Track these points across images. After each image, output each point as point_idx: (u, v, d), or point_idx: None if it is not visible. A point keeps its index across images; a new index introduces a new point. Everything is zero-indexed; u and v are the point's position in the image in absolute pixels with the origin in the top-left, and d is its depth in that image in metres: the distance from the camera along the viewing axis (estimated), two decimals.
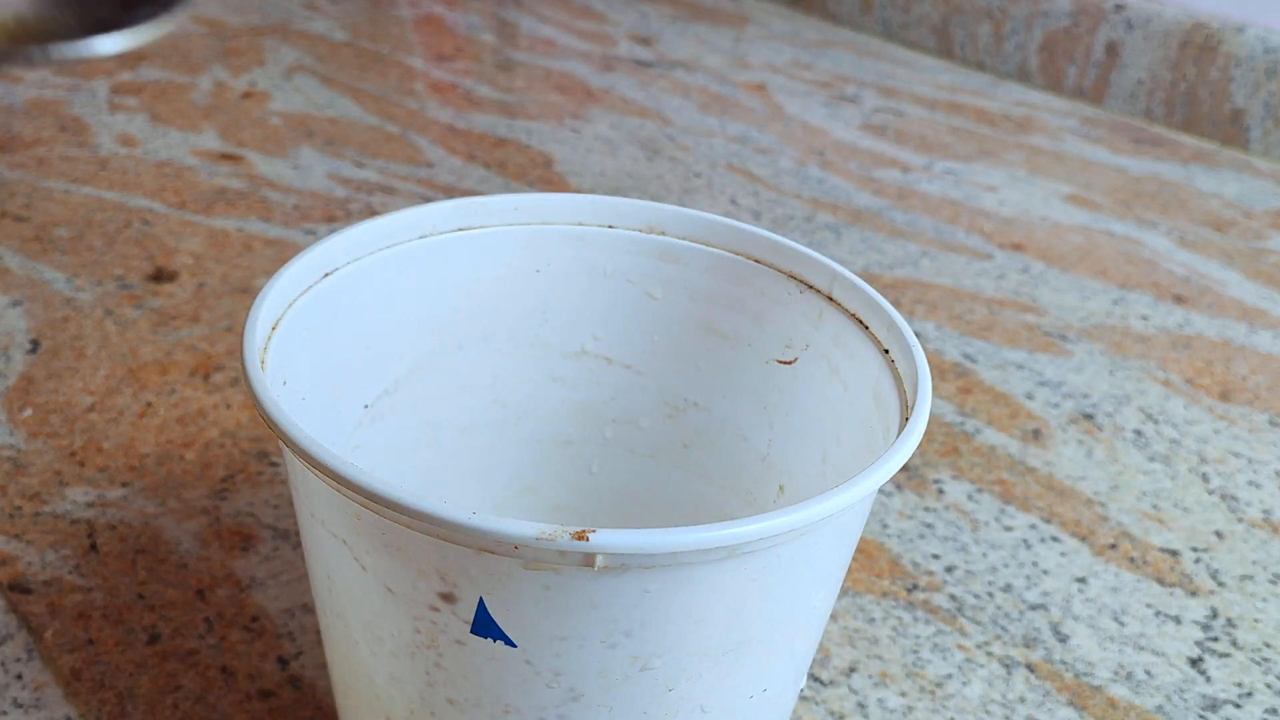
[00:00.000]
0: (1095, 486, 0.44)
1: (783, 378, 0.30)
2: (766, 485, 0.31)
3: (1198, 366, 0.53)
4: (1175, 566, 0.40)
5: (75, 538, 0.36)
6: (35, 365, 0.45)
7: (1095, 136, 0.80)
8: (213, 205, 0.59)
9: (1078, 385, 0.50)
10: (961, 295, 0.57)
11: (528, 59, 0.87)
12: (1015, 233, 0.65)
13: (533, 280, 0.31)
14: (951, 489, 0.43)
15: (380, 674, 0.24)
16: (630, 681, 0.22)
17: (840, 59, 0.93)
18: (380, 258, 0.28)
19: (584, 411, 0.33)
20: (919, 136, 0.78)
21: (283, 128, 0.70)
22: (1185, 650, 0.36)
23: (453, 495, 0.33)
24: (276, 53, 0.82)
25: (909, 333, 0.25)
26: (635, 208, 0.30)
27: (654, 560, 0.19)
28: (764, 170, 0.70)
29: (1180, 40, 0.80)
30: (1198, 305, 0.58)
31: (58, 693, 0.31)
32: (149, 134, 0.67)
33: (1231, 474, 0.45)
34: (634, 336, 0.32)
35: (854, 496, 0.20)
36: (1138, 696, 0.34)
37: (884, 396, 0.25)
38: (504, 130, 0.73)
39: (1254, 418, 0.49)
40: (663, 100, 0.80)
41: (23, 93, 0.71)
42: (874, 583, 0.37)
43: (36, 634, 0.32)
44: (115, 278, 0.52)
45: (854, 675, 0.34)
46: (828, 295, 0.28)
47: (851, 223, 0.64)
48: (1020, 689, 0.34)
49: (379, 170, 0.65)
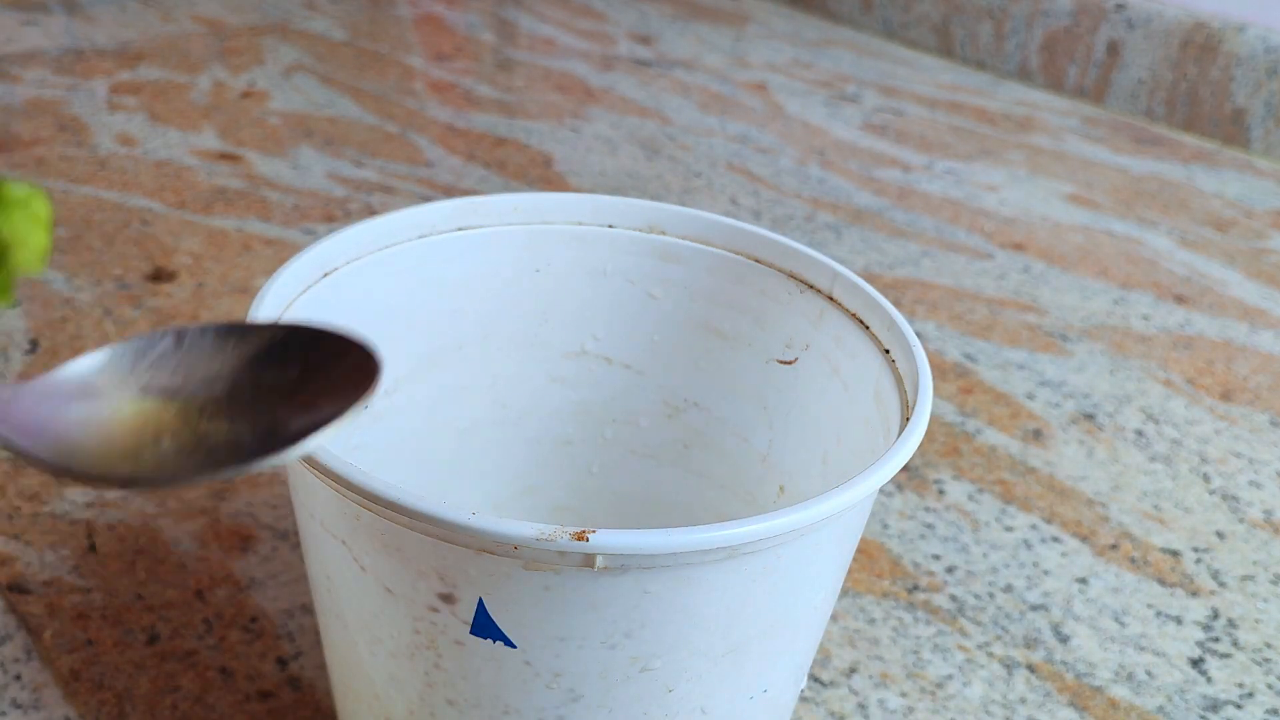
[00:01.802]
0: (1096, 487, 0.43)
1: (783, 378, 0.30)
2: (767, 486, 0.31)
3: (1199, 366, 0.53)
4: (1176, 567, 0.40)
5: (74, 538, 0.36)
6: (34, 365, 0.45)
7: (1096, 136, 0.80)
8: (212, 205, 0.59)
9: (1079, 385, 0.50)
10: (962, 295, 0.57)
11: (527, 58, 0.87)
12: (1016, 232, 0.65)
13: (533, 280, 0.31)
14: (952, 489, 0.43)
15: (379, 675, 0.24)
16: (630, 682, 0.22)
17: (841, 58, 0.92)
18: (379, 258, 0.28)
19: (584, 412, 0.33)
20: (919, 136, 0.78)
21: (282, 127, 0.70)
22: (1186, 651, 0.36)
23: (452, 496, 0.32)
24: (275, 52, 0.82)
25: (910, 333, 0.25)
26: (635, 207, 0.30)
27: (654, 561, 0.19)
28: (764, 170, 0.70)
29: (1181, 40, 0.80)
30: (1199, 305, 0.58)
31: (56, 693, 0.31)
32: (148, 134, 0.67)
33: (1232, 474, 0.45)
34: (634, 336, 0.32)
35: (854, 497, 0.20)
36: (1139, 697, 0.34)
37: (885, 396, 0.25)
38: (503, 130, 0.73)
39: (1255, 418, 0.49)
40: (663, 99, 0.80)
41: (22, 92, 0.71)
42: (874, 583, 0.37)
43: (35, 634, 0.32)
44: (114, 278, 0.52)
45: (854, 676, 0.34)
46: (828, 295, 0.28)
47: (852, 222, 0.64)
48: (1021, 690, 0.34)
49: (378, 170, 0.65)
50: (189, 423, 0.14)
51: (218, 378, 0.15)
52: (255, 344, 0.15)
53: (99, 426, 0.14)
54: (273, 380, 0.15)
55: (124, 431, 0.14)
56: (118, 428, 0.14)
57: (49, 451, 0.13)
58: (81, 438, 0.13)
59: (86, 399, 0.14)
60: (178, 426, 0.14)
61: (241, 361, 0.15)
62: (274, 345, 0.15)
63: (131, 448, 0.13)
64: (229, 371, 0.15)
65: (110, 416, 0.14)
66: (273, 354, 0.15)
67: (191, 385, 0.15)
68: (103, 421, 0.14)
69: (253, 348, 0.15)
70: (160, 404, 0.14)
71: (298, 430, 0.13)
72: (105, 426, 0.14)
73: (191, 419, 0.14)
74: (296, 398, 0.14)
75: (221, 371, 0.15)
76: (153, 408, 0.14)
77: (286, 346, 0.15)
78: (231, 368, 0.15)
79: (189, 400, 0.14)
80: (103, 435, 0.14)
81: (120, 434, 0.14)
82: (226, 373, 0.15)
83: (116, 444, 0.13)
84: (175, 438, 0.14)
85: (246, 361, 0.15)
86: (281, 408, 0.14)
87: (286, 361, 0.15)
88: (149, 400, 0.14)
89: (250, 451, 0.13)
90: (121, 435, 0.14)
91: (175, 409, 0.14)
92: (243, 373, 0.15)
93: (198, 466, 0.13)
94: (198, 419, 0.14)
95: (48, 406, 0.14)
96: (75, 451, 0.13)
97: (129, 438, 0.14)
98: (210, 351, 0.15)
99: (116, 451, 0.13)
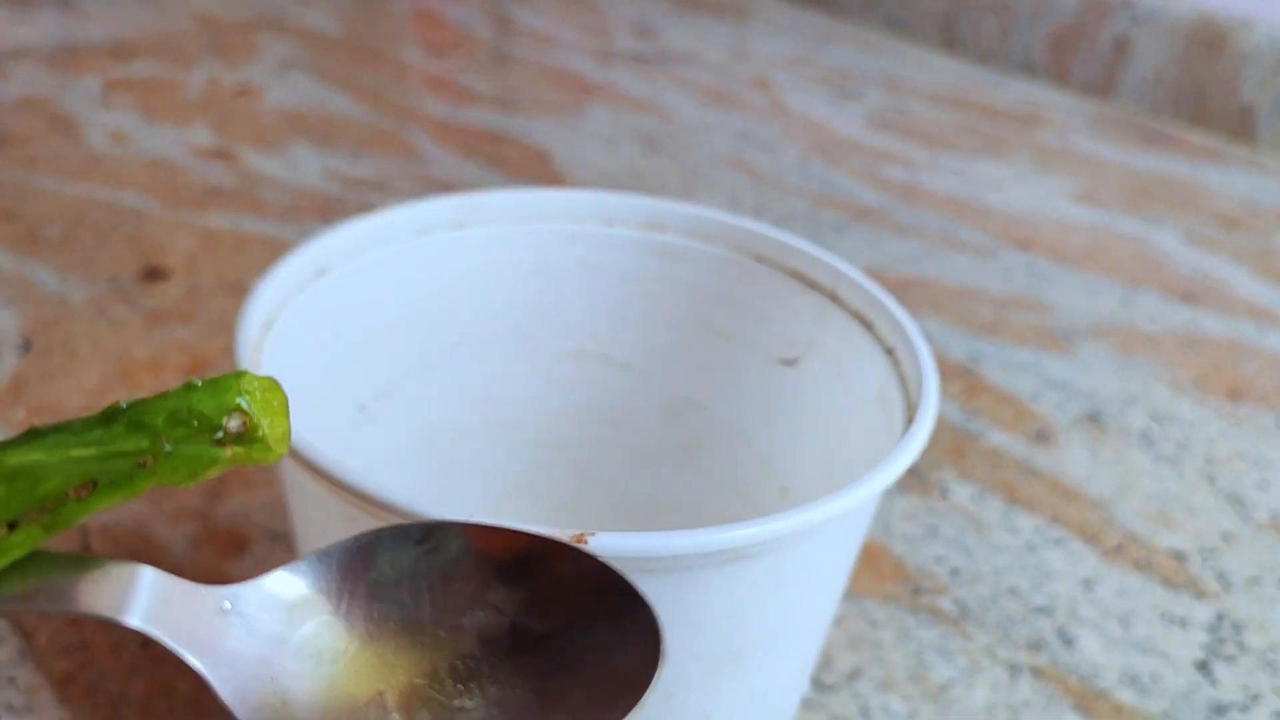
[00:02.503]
0: (1102, 488, 0.43)
1: (785, 378, 0.29)
2: (768, 487, 0.30)
3: (1206, 367, 0.52)
4: (1182, 569, 0.39)
5: (68, 540, 0.36)
6: (27, 365, 0.45)
7: (1102, 133, 0.80)
8: (205, 203, 0.59)
9: (1084, 386, 0.50)
10: (967, 294, 0.57)
11: (525, 53, 0.86)
12: (1021, 230, 0.64)
13: (531, 279, 0.30)
14: (956, 491, 0.42)
15: None
16: None
17: (843, 53, 0.92)
18: (375, 257, 0.28)
19: (583, 413, 0.32)
20: (924, 133, 0.77)
21: (276, 124, 0.69)
22: (1192, 654, 0.35)
23: (450, 498, 0.32)
24: (270, 48, 0.82)
25: (915, 332, 0.25)
26: (635, 204, 0.30)
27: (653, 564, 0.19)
28: (766, 167, 0.69)
29: (1188, 36, 0.80)
30: (1206, 304, 0.58)
31: (50, 697, 0.30)
32: (141, 130, 0.66)
33: (1239, 476, 0.45)
34: (634, 336, 0.31)
35: (858, 499, 0.20)
36: (1144, 701, 0.33)
37: (889, 397, 0.25)
38: (501, 126, 0.72)
39: (1262, 418, 0.48)
40: (663, 95, 0.79)
41: (13, 89, 0.71)
42: (877, 586, 0.37)
43: (29, 637, 0.32)
44: (107, 276, 0.51)
45: (857, 680, 0.33)
46: (831, 294, 0.28)
47: (855, 220, 0.63)
48: (1025, 693, 0.33)
49: (374, 167, 0.65)
50: (435, 690, 0.10)
51: (468, 607, 0.10)
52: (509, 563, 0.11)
53: (320, 683, 0.10)
54: (536, 626, 0.10)
55: (346, 694, 0.09)
56: (340, 686, 0.10)
57: (255, 705, 0.09)
58: (300, 695, 0.10)
59: (307, 619, 0.10)
60: (413, 693, 0.10)
61: (500, 590, 0.10)
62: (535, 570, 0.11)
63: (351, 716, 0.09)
64: (484, 601, 0.10)
65: (332, 668, 0.10)
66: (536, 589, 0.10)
67: (430, 615, 0.10)
68: (323, 675, 0.10)
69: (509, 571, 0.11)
70: (391, 646, 0.10)
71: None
72: (326, 683, 0.10)
73: (438, 685, 0.10)
74: (558, 661, 0.10)
75: (473, 600, 0.10)
76: (381, 652, 0.10)
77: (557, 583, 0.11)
78: (488, 596, 0.10)
79: (433, 649, 0.10)
80: (322, 695, 0.10)
81: (341, 697, 0.10)
82: (480, 601, 0.10)
83: (335, 711, 0.10)
84: (408, 711, 0.09)
85: (506, 593, 0.10)
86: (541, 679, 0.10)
87: (553, 601, 0.10)
88: (376, 643, 0.10)
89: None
90: (342, 699, 0.10)
91: (410, 660, 0.10)
92: (501, 603, 0.10)
93: None
94: (443, 683, 0.10)
95: (262, 640, 0.10)
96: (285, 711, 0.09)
97: (352, 706, 0.09)
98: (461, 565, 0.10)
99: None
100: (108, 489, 0.10)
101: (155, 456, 0.10)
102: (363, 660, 0.10)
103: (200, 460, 0.10)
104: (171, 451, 0.10)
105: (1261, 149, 0.78)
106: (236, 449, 0.11)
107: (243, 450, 0.11)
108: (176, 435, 0.10)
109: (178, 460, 0.10)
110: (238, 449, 0.11)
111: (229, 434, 0.11)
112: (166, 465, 0.10)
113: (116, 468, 0.10)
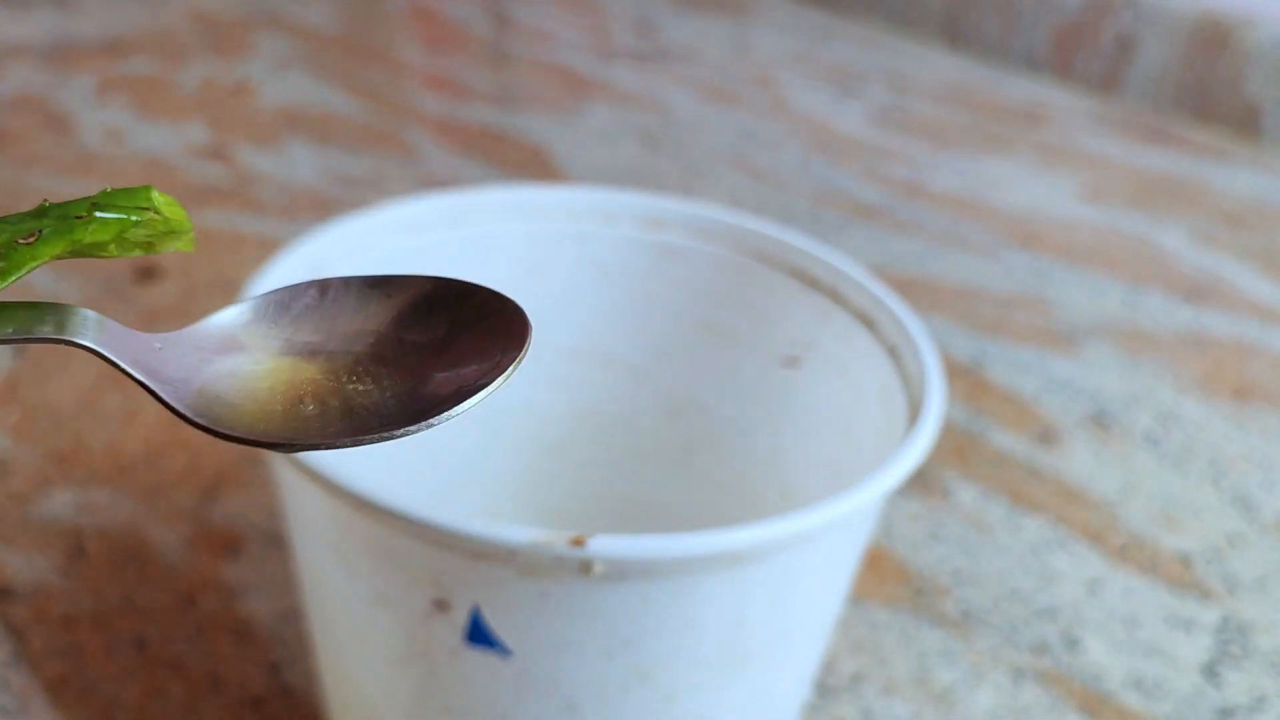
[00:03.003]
0: (1106, 489, 0.43)
1: (787, 378, 0.29)
2: (770, 489, 0.30)
3: (1211, 366, 0.52)
4: (1188, 571, 0.39)
5: (62, 541, 0.35)
6: (21, 367, 0.45)
7: (1106, 131, 0.79)
8: (201, 201, 0.58)
9: (1088, 385, 0.49)
10: (969, 293, 0.56)
11: (524, 50, 0.86)
12: (1024, 229, 0.64)
13: (529, 278, 0.30)
14: (960, 492, 0.42)
15: (372, 683, 0.23)
16: (629, 692, 0.21)
17: (845, 50, 0.92)
18: (370, 256, 0.27)
19: (583, 414, 0.32)
20: (926, 130, 0.77)
21: (273, 121, 0.69)
22: (1198, 657, 0.35)
23: (447, 500, 0.32)
24: (266, 45, 0.81)
25: (919, 332, 0.24)
26: (635, 202, 0.29)
27: (654, 567, 0.19)
28: (767, 164, 0.69)
29: (1192, 33, 0.79)
30: (1210, 303, 0.57)
31: (43, 700, 0.30)
32: (136, 128, 0.66)
33: (1245, 476, 0.44)
34: (634, 336, 0.31)
35: (861, 501, 0.20)
36: (1150, 704, 0.33)
37: (892, 397, 0.25)
38: (500, 124, 0.72)
39: (1268, 418, 0.48)
40: (663, 92, 0.79)
41: (7, 87, 0.71)
42: (880, 589, 0.37)
43: (23, 640, 0.32)
44: (101, 276, 0.51)
45: (860, 684, 0.33)
46: (833, 293, 0.27)
47: (857, 219, 0.63)
48: (1029, 697, 0.33)
49: (371, 165, 0.64)
50: (334, 383, 0.13)
51: (361, 334, 0.14)
52: (400, 299, 0.14)
53: (243, 382, 0.13)
54: (418, 338, 0.14)
55: (267, 390, 0.13)
56: (261, 385, 0.13)
57: (192, 407, 0.13)
58: (225, 393, 0.13)
59: (230, 353, 0.14)
60: (322, 387, 0.13)
61: (386, 318, 0.14)
62: (419, 301, 0.14)
63: (275, 408, 0.13)
64: (373, 328, 0.14)
65: (254, 372, 0.13)
66: (418, 310, 0.14)
67: (335, 342, 0.14)
68: (246, 377, 0.13)
69: (397, 303, 0.14)
70: (303, 362, 0.14)
71: (447, 394, 0.13)
72: (249, 383, 0.13)
73: (337, 379, 0.13)
74: (443, 357, 0.14)
75: (366, 328, 0.14)
76: (296, 365, 0.14)
77: (432, 303, 0.14)
78: (376, 324, 0.14)
79: (333, 358, 0.14)
80: (246, 392, 0.13)
81: (264, 392, 0.13)
82: (371, 329, 0.14)
83: (260, 402, 0.13)
84: (320, 399, 0.13)
85: (391, 318, 0.14)
86: (428, 368, 0.13)
87: (432, 318, 0.14)
88: (292, 357, 0.14)
89: (398, 417, 0.13)
90: (265, 393, 0.13)
91: (319, 368, 0.14)
92: (388, 329, 0.14)
93: (344, 432, 0.13)
94: (343, 379, 0.13)
95: (193, 359, 0.13)
96: (218, 408, 0.13)
97: (273, 397, 0.13)
98: (354, 306, 0.14)
99: (259, 410, 0.13)
100: (52, 237, 0.13)
101: (89, 213, 0.13)
102: (278, 374, 0.13)
103: (126, 221, 0.13)
104: (103, 212, 0.13)
105: (1266, 147, 0.78)
106: (156, 217, 0.13)
107: (161, 220, 0.13)
108: (103, 208, 0.13)
109: (109, 220, 0.13)
110: (157, 217, 0.13)
111: (145, 215, 0.13)
112: (99, 222, 0.13)
113: (58, 223, 0.13)
